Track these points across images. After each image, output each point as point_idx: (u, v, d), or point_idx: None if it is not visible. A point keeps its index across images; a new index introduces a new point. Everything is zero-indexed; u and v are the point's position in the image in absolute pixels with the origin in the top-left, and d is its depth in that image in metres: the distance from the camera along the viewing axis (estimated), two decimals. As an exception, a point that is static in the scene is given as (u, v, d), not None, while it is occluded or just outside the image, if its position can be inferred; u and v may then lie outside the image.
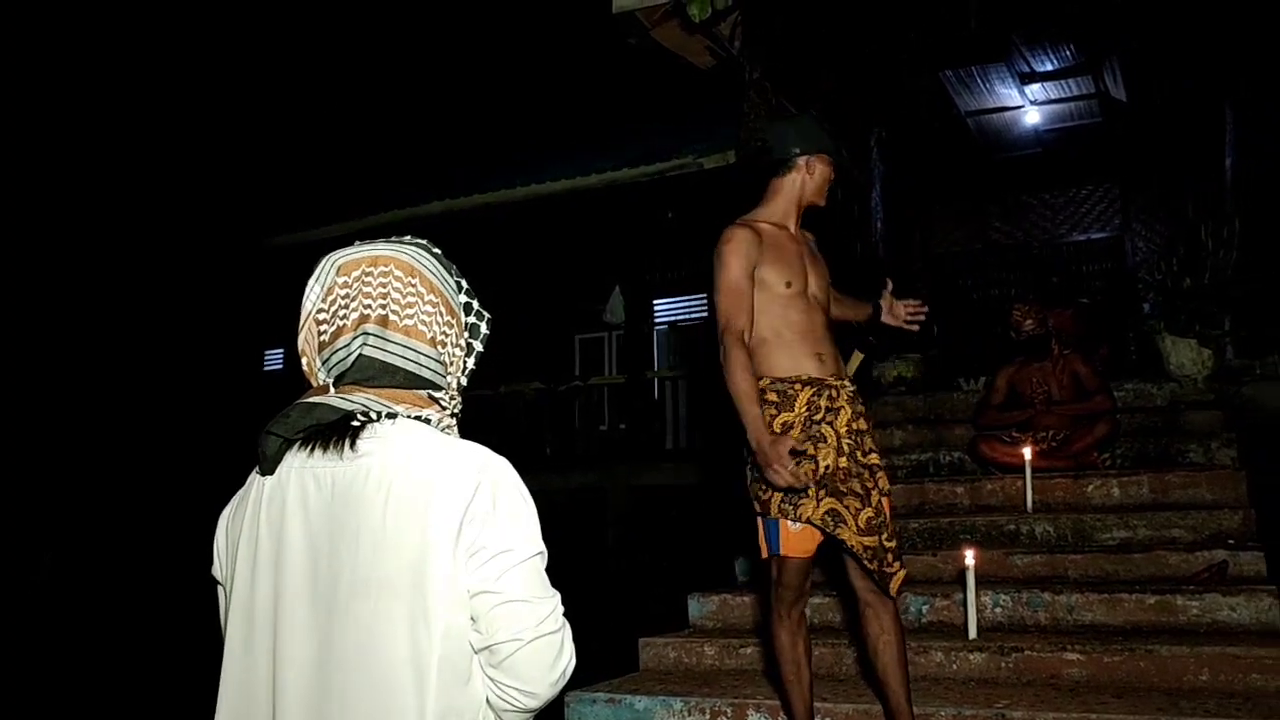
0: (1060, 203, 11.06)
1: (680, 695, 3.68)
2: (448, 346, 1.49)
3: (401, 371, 1.42)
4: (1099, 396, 5.39)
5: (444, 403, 1.47)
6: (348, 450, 1.36)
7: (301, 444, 1.39)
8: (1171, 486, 4.88)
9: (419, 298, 1.46)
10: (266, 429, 1.39)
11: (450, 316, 1.50)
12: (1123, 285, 10.08)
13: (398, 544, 1.32)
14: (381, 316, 1.42)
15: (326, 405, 1.38)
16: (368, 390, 1.41)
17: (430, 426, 1.42)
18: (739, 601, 4.55)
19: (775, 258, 3.02)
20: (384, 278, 1.44)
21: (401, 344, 1.42)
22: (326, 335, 1.44)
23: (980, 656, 3.68)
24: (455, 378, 1.51)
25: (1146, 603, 3.87)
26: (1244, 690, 3.28)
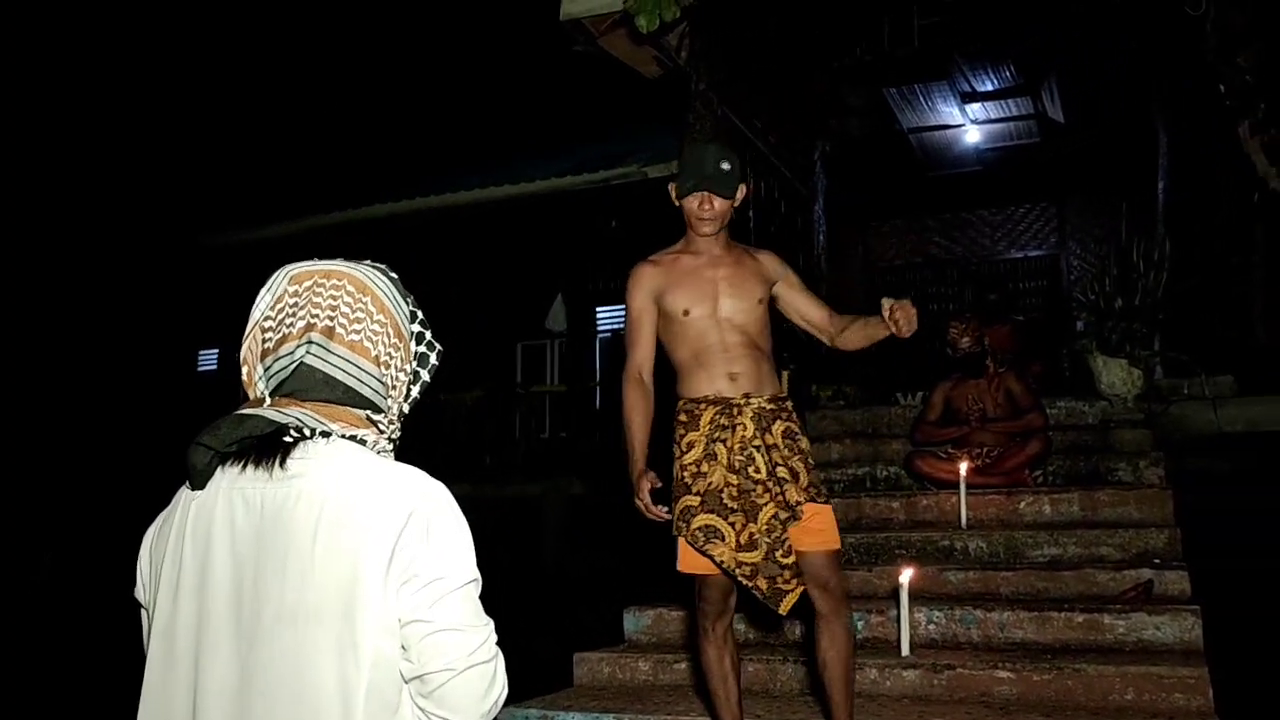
0: (999, 220, 11.26)
1: (614, 712, 3.66)
2: (392, 369, 1.46)
3: (342, 385, 1.40)
4: (1032, 414, 5.47)
5: (382, 426, 1.44)
6: (278, 469, 1.33)
7: (233, 459, 1.35)
8: (1101, 504, 4.96)
9: (368, 315, 1.44)
10: (196, 440, 1.34)
11: (398, 339, 1.48)
12: (1058, 303, 10.29)
13: (326, 571, 1.29)
14: (328, 328, 1.40)
15: (259, 418, 1.34)
16: (304, 405, 1.38)
17: (365, 448, 1.39)
18: (674, 616, 4.54)
19: (679, 286, 3.12)
20: (335, 290, 1.43)
21: (345, 358, 1.40)
22: (270, 343, 1.42)
23: (914, 674, 3.71)
24: (397, 403, 1.49)
25: (1075, 621, 3.92)
26: (1168, 710, 3.34)
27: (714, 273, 3.13)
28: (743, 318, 3.11)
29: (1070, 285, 10.31)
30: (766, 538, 2.94)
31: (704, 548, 2.95)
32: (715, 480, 2.99)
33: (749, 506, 2.97)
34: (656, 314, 3.14)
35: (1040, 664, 3.59)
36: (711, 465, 3.00)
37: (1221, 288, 6.81)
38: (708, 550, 2.95)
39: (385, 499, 1.32)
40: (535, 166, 10.20)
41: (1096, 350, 6.01)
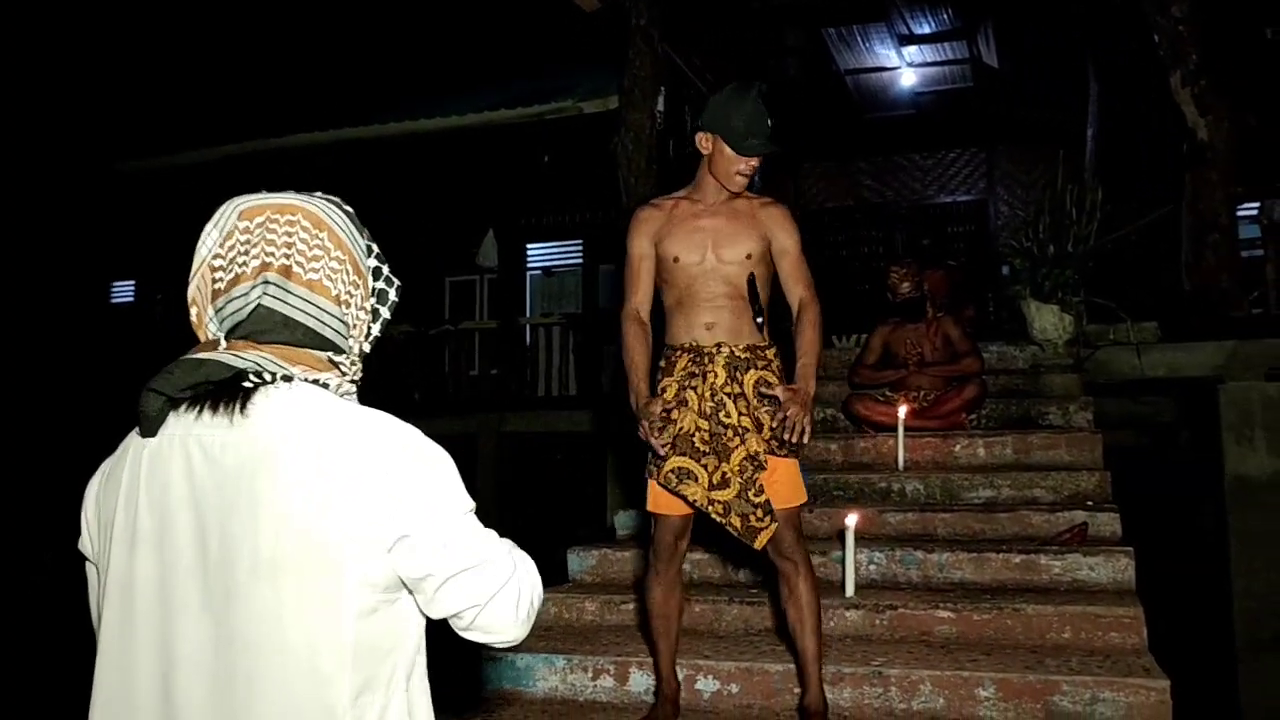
0: (929, 164, 11.35)
1: (563, 653, 3.66)
2: (352, 308, 1.39)
3: (302, 328, 1.32)
4: (969, 359, 5.55)
5: (344, 368, 1.37)
6: (238, 415, 1.25)
7: (188, 405, 1.27)
8: (1033, 448, 5.08)
9: (325, 252, 1.36)
10: (148, 386, 1.26)
11: (357, 277, 1.40)
12: (985, 248, 10.44)
13: (303, 523, 1.22)
14: (285, 266, 1.32)
15: (216, 362, 1.26)
16: (261, 347, 1.30)
17: (328, 392, 1.32)
18: (619, 556, 4.55)
19: (675, 233, 3.12)
20: (290, 226, 1.34)
21: (304, 298, 1.33)
22: (222, 283, 1.33)
23: (857, 614, 3.77)
24: (358, 342, 1.42)
25: (1013, 562, 4.02)
26: (1104, 648, 3.45)
27: (710, 221, 3.10)
28: (728, 269, 3.08)
29: (997, 230, 10.47)
30: (739, 477, 2.97)
31: (676, 488, 2.98)
32: (686, 425, 3.01)
33: (720, 449, 2.99)
34: (655, 258, 3.14)
35: (980, 604, 3.67)
36: (682, 411, 3.03)
37: (1151, 235, 6.96)
38: (680, 490, 2.98)
39: (361, 449, 1.26)
40: (467, 100, 9.96)
41: (1030, 296, 6.11)
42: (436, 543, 1.27)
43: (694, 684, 3.47)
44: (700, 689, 3.46)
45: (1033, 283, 6.12)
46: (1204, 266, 6.38)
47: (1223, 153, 6.40)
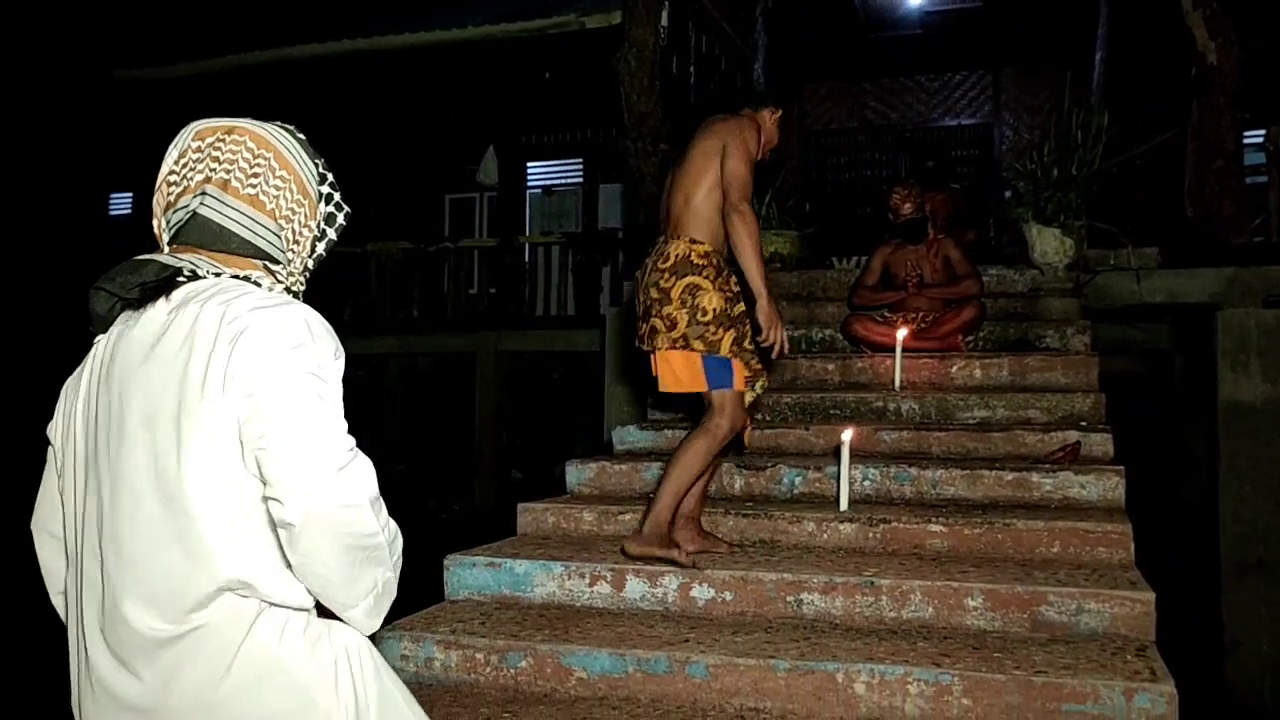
0: (935, 87, 11.21)
1: (560, 560, 3.73)
2: (294, 224, 1.53)
3: (236, 238, 1.46)
4: (968, 281, 5.56)
5: (280, 276, 1.50)
6: (163, 302, 1.41)
7: (134, 303, 1.43)
8: (1029, 369, 5.12)
9: (268, 170, 1.49)
10: (95, 285, 1.44)
11: (302, 197, 1.54)
12: (989, 172, 10.37)
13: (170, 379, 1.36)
14: (224, 180, 1.46)
15: (155, 263, 1.42)
16: (201, 252, 1.45)
17: (257, 288, 1.44)
18: (617, 469, 4.61)
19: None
20: (235, 146, 1.48)
21: (239, 210, 1.46)
22: (173, 196, 1.48)
23: (850, 528, 3.83)
24: (300, 258, 1.56)
25: (1005, 479, 4.08)
26: (1091, 562, 3.51)
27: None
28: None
29: (1002, 155, 10.39)
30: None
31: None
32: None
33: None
34: None
35: (971, 519, 3.73)
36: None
37: (1155, 161, 6.91)
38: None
39: (237, 313, 1.36)
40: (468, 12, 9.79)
41: (1032, 219, 6.09)
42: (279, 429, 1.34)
43: (689, 592, 3.54)
44: (695, 596, 3.53)
45: (1035, 206, 6.10)
46: (1207, 192, 6.35)
47: (1231, 78, 6.33)
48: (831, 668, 2.97)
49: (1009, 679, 2.82)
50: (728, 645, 3.16)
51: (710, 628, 3.35)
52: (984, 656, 2.98)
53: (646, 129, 7.32)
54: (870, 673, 2.94)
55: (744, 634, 3.27)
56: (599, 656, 3.20)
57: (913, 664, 2.93)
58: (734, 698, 3.05)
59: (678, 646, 3.17)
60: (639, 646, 3.20)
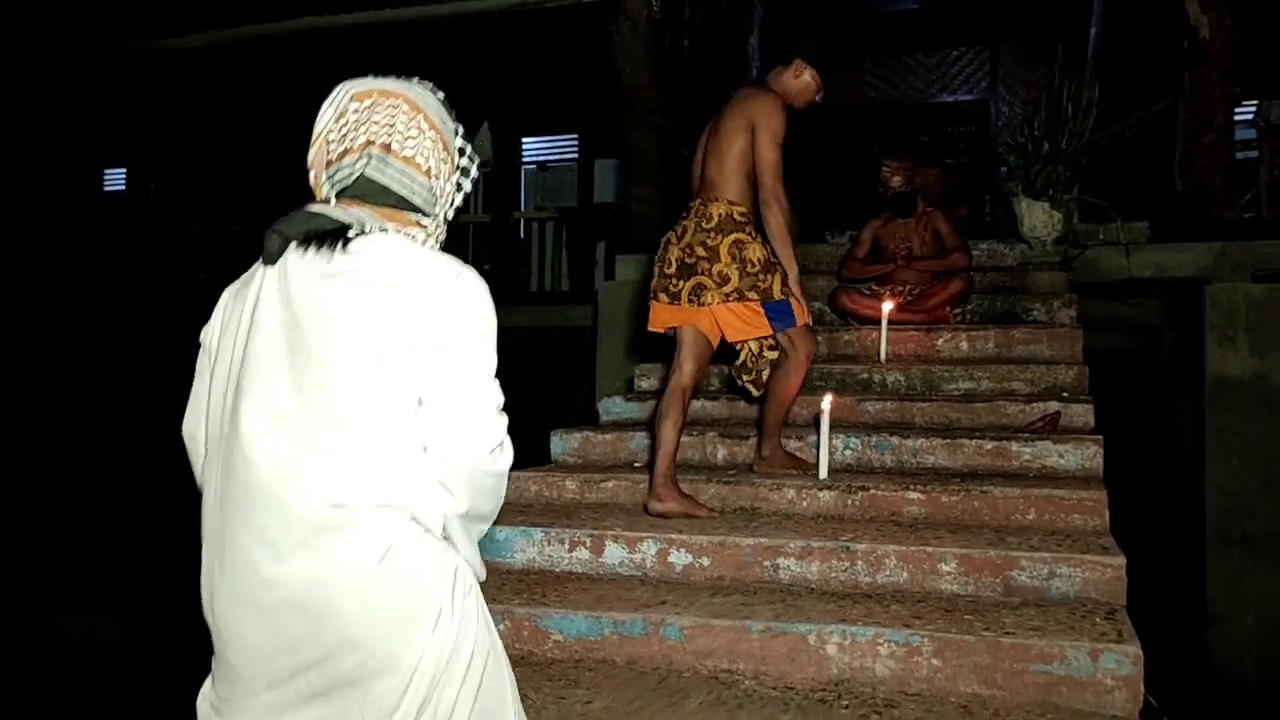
0: (933, 63, 11.16)
1: (540, 526, 3.76)
2: (440, 180, 1.71)
3: (396, 195, 1.65)
4: (957, 254, 5.58)
5: (429, 229, 1.69)
6: (339, 253, 1.57)
7: (301, 244, 1.59)
8: (1015, 342, 5.14)
9: (421, 133, 1.68)
10: (272, 229, 1.60)
11: (445, 154, 1.72)
12: (985, 149, 10.34)
13: (353, 326, 1.54)
14: (385, 143, 1.64)
15: (326, 215, 1.59)
16: (364, 206, 1.63)
17: (416, 243, 1.64)
18: (602, 439, 4.64)
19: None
20: (392, 109, 1.66)
21: (399, 170, 1.65)
22: (334, 154, 1.66)
23: (829, 495, 3.87)
24: (443, 210, 1.74)
25: (984, 448, 4.11)
26: (1065, 529, 3.55)
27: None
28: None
29: (999, 131, 10.35)
30: None
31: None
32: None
33: None
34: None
35: (949, 486, 3.76)
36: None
37: (1146, 135, 6.91)
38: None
39: (422, 275, 1.57)
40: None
41: (1021, 193, 6.10)
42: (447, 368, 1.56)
43: (667, 557, 3.58)
44: (673, 561, 3.56)
45: (1025, 179, 6.11)
46: (1197, 167, 6.34)
47: (1223, 52, 6.31)
48: (804, 629, 3.01)
49: (978, 640, 2.85)
50: (703, 608, 3.20)
51: (687, 591, 3.39)
52: (955, 619, 3.01)
53: (640, 102, 7.31)
54: (842, 634, 2.97)
55: (720, 597, 3.31)
56: (576, 619, 3.24)
57: (884, 626, 2.97)
58: (708, 659, 3.08)
59: (654, 609, 3.21)
60: (615, 609, 3.24)
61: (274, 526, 1.53)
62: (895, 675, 2.91)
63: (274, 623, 1.53)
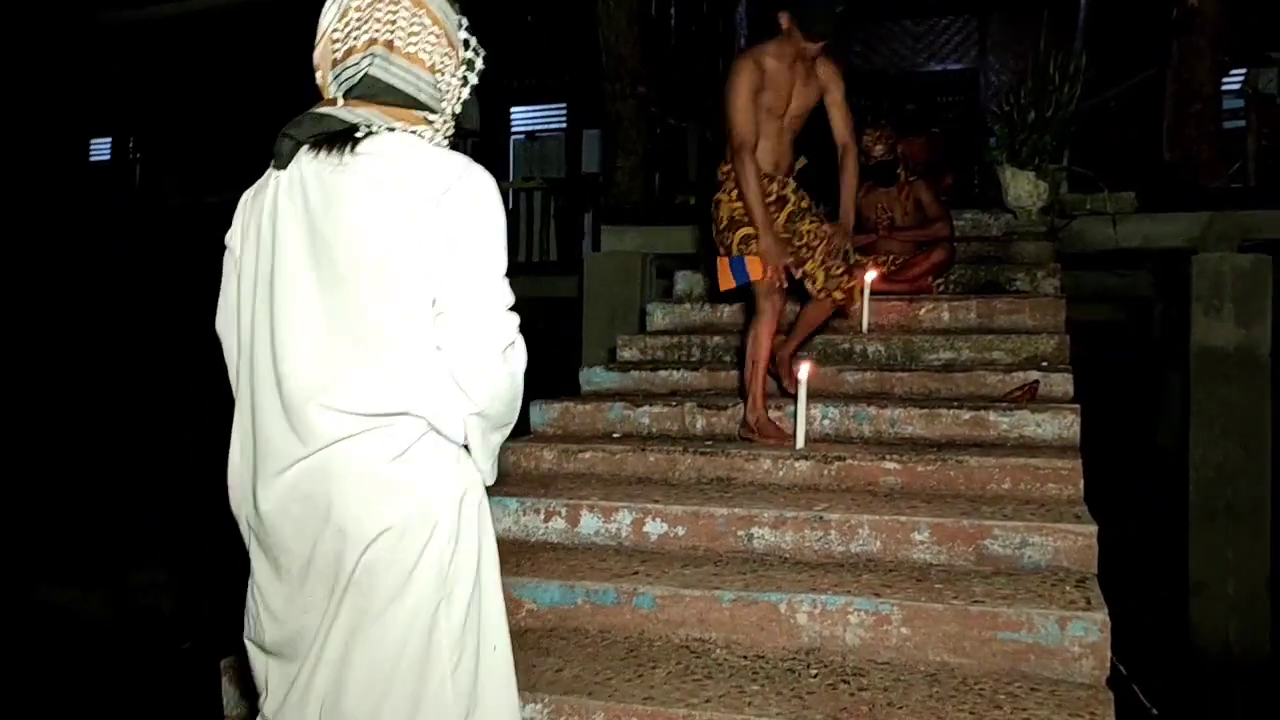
0: (920, 31, 11.09)
1: (516, 496, 3.75)
2: (445, 75, 1.72)
3: (402, 93, 1.65)
4: (939, 223, 5.54)
5: (437, 125, 1.70)
6: (348, 154, 1.60)
7: (311, 147, 1.62)
8: (997, 312, 5.12)
9: (423, 28, 1.68)
10: (283, 131, 1.62)
11: (449, 49, 1.72)
12: (974, 118, 10.28)
13: (371, 230, 1.57)
14: (388, 41, 1.65)
15: (334, 116, 1.61)
16: (372, 105, 1.64)
17: (423, 140, 1.65)
18: (581, 409, 4.63)
19: (769, 84, 3.99)
20: (393, 6, 1.66)
21: (404, 68, 1.66)
22: (339, 53, 1.66)
23: (805, 465, 3.86)
24: (450, 105, 1.74)
25: (962, 418, 4.10)
26: (1040, 498, 3.54)
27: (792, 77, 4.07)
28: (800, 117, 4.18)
29: (987, 100, 10.29)
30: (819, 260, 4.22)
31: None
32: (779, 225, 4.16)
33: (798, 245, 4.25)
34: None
35: (925, 456, 3.75)
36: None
37: (1133, 104, 6.86)
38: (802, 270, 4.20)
39: (431, 173, 1.58)
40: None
41: (1006, 162, 6.07)
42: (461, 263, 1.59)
43: (642, 527, 3.58)
44: (648, 531, 3.56)
45: (1010, 148, 6.07)
46: (1184, 136, 6.31)
47: (1212, 19, 6.26)
48: (775, 598, 3.01)
49: (947, 608, 2.86)
50: (676, 577, 3.20)
51: (661, 561, 3.39)
52: (925, 588, 3.01)
53: (625, 71, 7.25)
54: (812, 603, 2.97)
55: (693, 567, 3.30)
56: (549, 588, 3.24)
57: (854, 594, 2.97)
58: (680, 628, 3.09)
59: (626, 578, 3.21)
60: (588, 579, 3.24)
61: (300, 430, 1.59)
62: (865, 644, 2.92)
63: (295, 512, 1.62)
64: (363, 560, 1.58)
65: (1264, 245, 5.82)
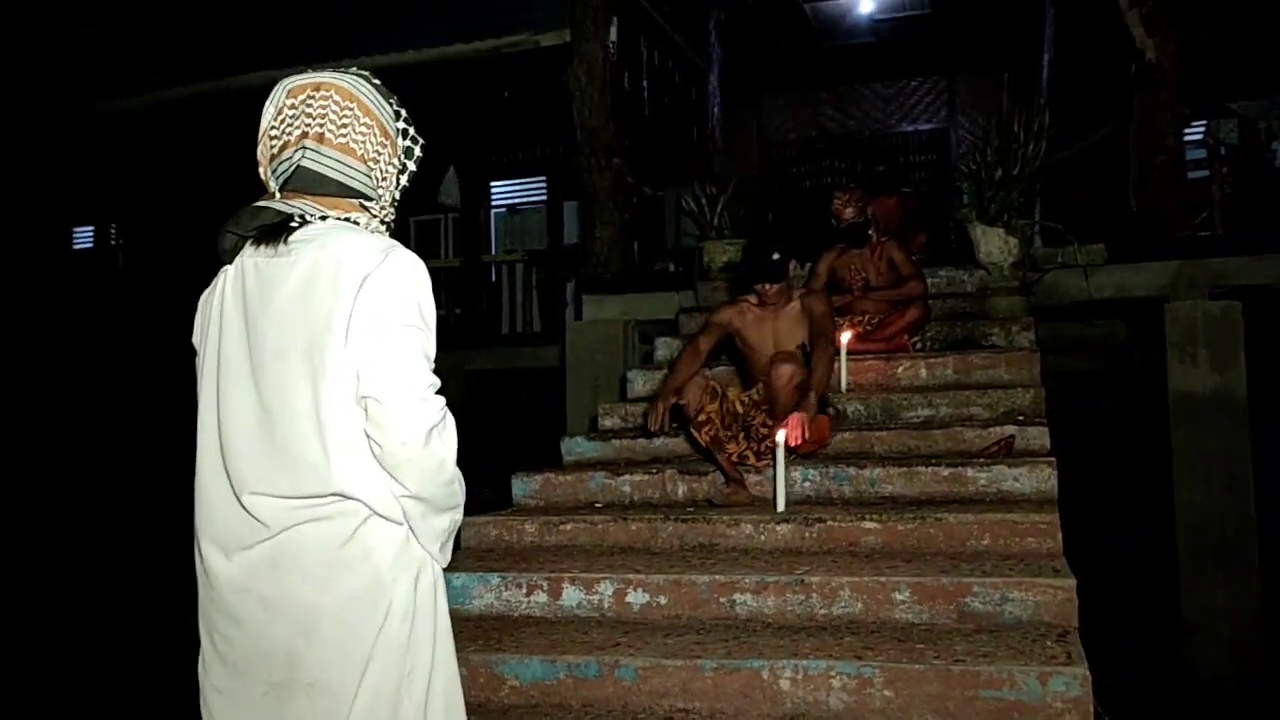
0: (891, 93, 11.32)
1: (498, 571, 3.74)
2: (380, 164, 1.76)
3: (334, 182, 1.71)
4: (913, 282, 5.60)
5: (374, 211, 1.75)
6: (282, 245, 1.65)
7: (254, 240, 1.68)
8: (974, 367, 5.16)
9: (354, 119, 1.73)
10: (224, 228, 1.70)
11: (384, 138, 1.77)
12: (946, 177, 10.45)
13: (301, 318, 1.61)
14: (319, 134, 1.70)
15: (271, 209, 1.68)
16: (306, 197, 1.69)
17: (357, 227, 1.70)
18: (562, 480, 4.63)
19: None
20: (324, 101, 1.71)
21: (335, 158, 1.71)
22: (276, 148, 1.73)
23: (786, 528, 3.86)
24: (388, 191, 1.80)
25: (941, 475, 4.11)
26: (1020, 552, 3.55)
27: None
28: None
29: (959, 159, 10.47)
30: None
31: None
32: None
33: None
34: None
35: (905, 515, 3.76)
36: None
37: (1099, 158, 6.99)
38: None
39: (354, 259, 1.61)
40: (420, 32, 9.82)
41: (976, 219, 6.15)
42: (375, 331, 1.60)
43: (624, 597, 3.56)
44: (630, 601, 3.55)
45: (979, 206, 6.16)
46: (1151, 187, 6.43)
47: (1170, 73, 6.42)
48: (757, 665, 3.00)
49: (928, 669, 2.85)
50: (658, 647, 3.19)
51: (643, 631, 3.37)
52: (907, 648, 3.00)
53: (599, 144, 7.38)
54: (794, 668, 2.96)
55: (675, 636, 3.29)
56: (531, 664, 3.22)
57: (835, 658, 2.96)
58: (663, 699, 3.07)
59: (608, 650, 3.19)
60: (570, 652, 3.22)
61: (239, 523, 1.64)
62: (849, 708, 2.90)
63: (243, 615, 1.64)
64: (316, 652, 1.60)
65: (1234, 292, 5.90)
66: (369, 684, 1.61)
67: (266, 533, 1.62)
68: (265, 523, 1.62)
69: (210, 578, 1.68)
